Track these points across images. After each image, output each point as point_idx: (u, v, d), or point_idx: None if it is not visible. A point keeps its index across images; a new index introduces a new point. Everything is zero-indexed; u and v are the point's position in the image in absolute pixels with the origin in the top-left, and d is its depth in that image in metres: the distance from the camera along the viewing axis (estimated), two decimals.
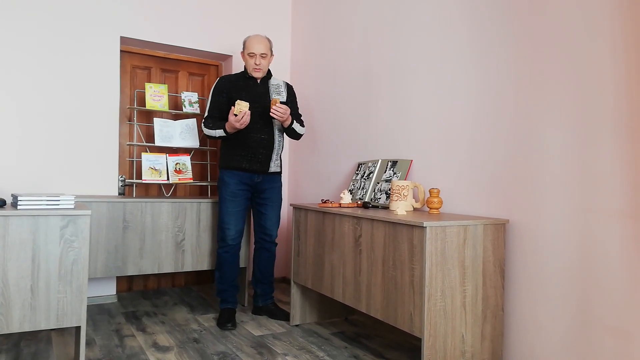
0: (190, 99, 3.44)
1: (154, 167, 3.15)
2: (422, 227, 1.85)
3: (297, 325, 2.82)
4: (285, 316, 2.90)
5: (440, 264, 1.87)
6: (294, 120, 2.85)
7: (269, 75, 2.92)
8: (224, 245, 2.84)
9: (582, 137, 1.80)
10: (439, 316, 1.87)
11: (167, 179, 3.18)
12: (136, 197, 3.08)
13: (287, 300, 3.36)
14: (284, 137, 2.96)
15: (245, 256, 3.16)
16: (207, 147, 3.52)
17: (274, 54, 2.99)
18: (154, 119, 3.29)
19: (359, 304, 2.21)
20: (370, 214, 2.17)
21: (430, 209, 2.28)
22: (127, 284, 3.53)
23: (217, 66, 3.90)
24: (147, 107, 3.24)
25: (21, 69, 2.95)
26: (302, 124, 2.94)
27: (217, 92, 2.86)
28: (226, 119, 2.78)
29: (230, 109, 2.73)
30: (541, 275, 1.94)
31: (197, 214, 3.06)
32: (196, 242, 3.06)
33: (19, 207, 1.90)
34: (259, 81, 2.87)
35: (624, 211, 1.67)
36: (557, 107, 1.89)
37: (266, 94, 2.85)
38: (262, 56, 2.79)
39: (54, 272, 1.92)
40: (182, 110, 3.40)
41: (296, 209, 2.79)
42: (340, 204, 2.55)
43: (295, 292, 2.81)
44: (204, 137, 3.43)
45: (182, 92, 3.44)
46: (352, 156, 3.13)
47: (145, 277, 3.60)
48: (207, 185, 3.65)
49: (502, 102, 2.13)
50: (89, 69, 3.15)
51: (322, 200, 3.10)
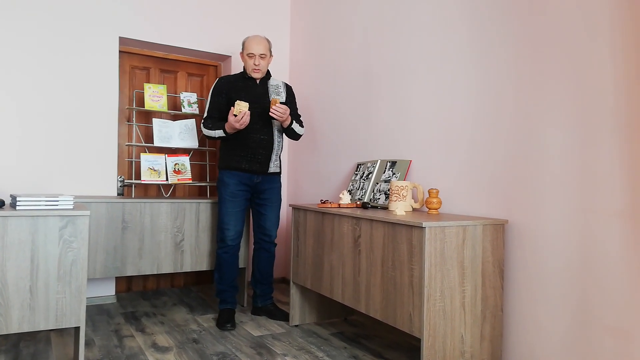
0: (189, 100, 3.44)
1: (153, 168, 3.15)
2: (421, 228, 1.85)
3: (296, 325, 2.81)
4: (284, 316, 2.90)
5: (439, 264, 1.87)
6: (293, 120, 2.85)
7: (268, 75, 2.92)
8: (223, 245, 2.83)
9: (582, 137, 1.80)
10: (438, 316, 1.87)
11: (166, 180, 3.18)
12: (135, 197, 3.08)
13: (287, 300, 3.36)
14: (283, 138, 2.96)
15: (244, 257, 3.15)
16: (206, 148, 3.52)
17: (273, 54, 2.99)
18: (153, 119, 3.29)
19: (358, 305, 2.21)
20: (369, 214, 2.17)
21: (429, 209, 2.28)
22: (126, 285, 3.53)
23: (216, 67, 3.90)
24: (146, 107, 3.24)
25: (21, 69, 2.95)
26: (301, 124, 2.94)
27: (217, 93, 2.86)
28: (225, 120, 2.78)
29: (229, 109, 2.73)
30: (541, 275, 1.94)
31: (196, 214, 3.06)
32: (195, 242, 3.05)
33: (17, 208, 1.90)
34: (258, 82, 2.87)
35: (624, 211, 1.67)
36: (557, 107, 1.89)
37: (265, 95, 2.85)
38: (262, 57, 2.79)
39: (53, 272, 1.92)
40: (181, 110, 3.40)
41: (295, 209, 2.78)
42: (339, 205, 2.55)
43: (294, 293, 2.80)
44: (203, 138, 3.42)
45: (181, 93, 3.44)
46: (352, 156, 3.13)
47: (144, 277, 3.59)
48: (206, 185, 3.65)
49: (502, 102, 2.13)
50: (88, 69, 3.15)
51: (321, 200, 3.10)
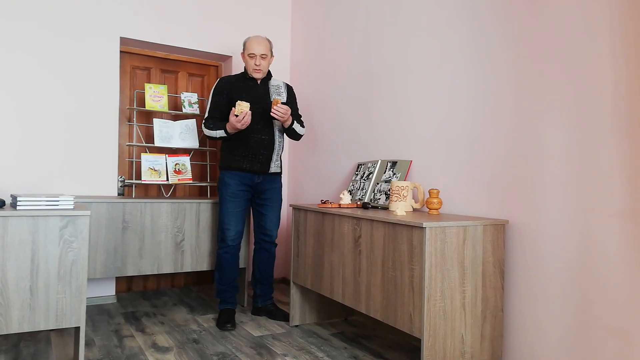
0: (189, 100, 3.44)
1: (154, 168, 3.15)
2: (421, 228, 1.85)
3: (296, 325, 2.81)
4: (284, 317, 2.90)
5: (439, 264, 1.87)
6: (294, 120, 2.85)
7: (269, 76, 2.92)
8: (223, 245, 2.83)
9: (582, 137, 1.80)
10: (439, 317, 1.87)
11: (167, 180, 3.18)
12: (135, 197, 3.08)
13: (287, 300, 3.36)
14: (284, 138, 2.96)
15: (244, 257, 3.15)
16: (207, 148, 3.52)
17: (274, 55, 2.99)
18: (154, 119, 3.29)
19: (359, 305, 2.21)
20: (369, 214, 2.17)
21: (429, 209, 2.28)
22: (127, 285, 3.53)
23: (216, 67, 3.90)
24: (147, 107, 3.24)
25: (21, 69, 2.95)
26: (302, 124, 2.94)
27: (218, 93, 2.86)
28: (226, 120, 2.78)
29: (230, 109, 2.73)
30: (541, 275, 1.94)
31: (197, 214, 3.06)
32: (195, 242, 3.05)
33: (18, 208, 1.90)
34: (259, 82, 2.87)
35: (623, 211, 1.67)
36: (557, 107, 1.89)
37: (266, 95, 2.85)
38: (262, 57, 2.79)
39: (53, 272, 1.92)
40: (181, 110, 3.40)
41: (296, 209, 2.78)
42: (339, 205, 2.54)
43: (294, 293, 2.80)
44: (203, 138, 3.43)
45: (182, 93, 3.44)
46: (352, 156, 3.13)
47: (144, 277, 3.59)
48: (206, 185, 3.65)
49: (502, 102, 2.13)
50: (88, 70, 3.15)
51: (321, 200, 3.10)
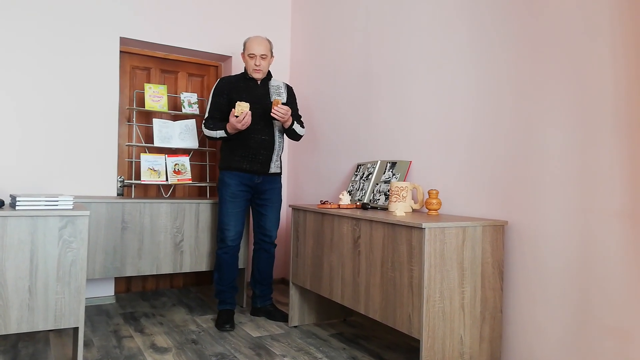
0: (189, 100, 3.44)
1: (153, 168, 3.15)
2: (420, 229, 1.85)
3: (295, 326, 2.81)
4: (283, 317, 2.90)
5: (439, 265, 1.86)
6: (294, 121, 2.85)
7: (269, 76, 2.92)
8: (223, 246, 2.83)
9: (582, 137, 1.80)
10: (438, 317, 1.86)
11: (166, 180, 3.18)
12: (135, 197, 3.07)
13: (286, 301, 3.35)
14: (284, 138, 2.96)
15: (244, 257, 3.15)
16: (206, 148, 3.52)
17: (274, 55, 2.99)
18: (153, 119, 3.29)
19: (358, 305, 2.20)
20: (369, 215, 2.16)
21: (429, 210, 2.27)
22: (126, 285, 3.52)
23: (216, 67, 3.90)
24: (147, 107, 3.24)
25: (21, 69, 2.95)
26: (302, 125, 2.94)
27: (218, 93, 2.86)
28: (227, 120, 2.78)
29: (230, 110, 2.73)
30: (540, 276, 1.94)
31: (196, 214, 3.06)
32: (195, 243, 3.05)
33: (17, 208, 1.90)
34: (259, 82, 2.87)
35: (623, 211, 1.67)
36: (557, 107, 1.89)
37: (266, 95, 2.85)
38: (262, 57, 2.79)
39: (52, 272, 1.92)
40: (181, 111, 3.40)
41: (295, 210, 2.78)
42: (339, 205, 2.54)
43: (293, 293, 2.80)
44: (203, 138, 3.42)
45: (182, 93, 3.44)
46: (352, 157, 3.13)
47: (143, 278, 3.59)
48: (206, 186, 3.65)
49: (502, 102, 2.13)
50: (88, 70, 3.15)
51: (321, 201, 3.10)
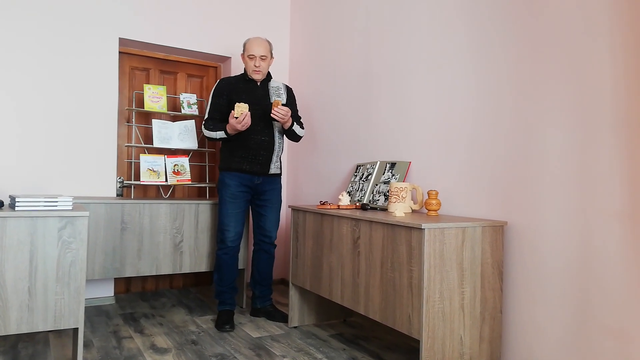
0: (188, 101, 3.44)
1: (152, 169, 3.15)
2: (420, 229, 1.85)
3: (295, 327, 2.81)
4: (283, 318, 2.90)
5: (438, 265, 1.86)
6: (294, 122, 2.85)
7: (268, 77, 2.92)
8: (223, 247, 2.83)
9: (582, 137, 1.80)
10: (438, 318, 1.86)
11: (166, 181, 3.18)
12: (134, 198, 3.07)
13: (286, 302, 3.35)
14: (284, 139, 2.96)
15: (243, 258, 3.15)
16: (206, 149, 3.52)
17: (274, 56, 2.99)
18: (153, 120, 3.29)
19: (358, 306, 2.20)
20: (368, 215, 2.16)
21: (428, 210, 2.27)
22: (125, 286, 3.52)
23: (215, 68, 3.90)
24: (146, 108, 3.24)
25: (21, 69, 2.95)
26: (301, 126, 2.94)
27: (217, 94, 2.86)
28: (226, 121, 2.78)
29: (230, 111, 2.73)
30: (540, 276, 1.94)
31: (196, 215, 3.06)
32: (194, 243, 3.05)
33: (16, 208, 1.90)
34: (258, 83, 2.87)
35: (623, 211, 1.67)
36: (557, 107, 1.89)
37: (266, 96, 2.85)
38: (262, 58, 2.79)
39: (52, 273, 1.92)
40: (180, 111, 3.40)
41: (295, 210, 2.78)
42: (338, 206, 2.54)
43: (293, 294, 2.80)
44: (202, 139, 3.42)
45: (181, 94, 3.44)
46: (352, 157, 3.13)
47: (143, 278, 3.59)
48: (205, 186, 3.65)
49: (501, 102, 2.13)
50: (88, 70, 3.15)
51: (320, 201, 3.10)
